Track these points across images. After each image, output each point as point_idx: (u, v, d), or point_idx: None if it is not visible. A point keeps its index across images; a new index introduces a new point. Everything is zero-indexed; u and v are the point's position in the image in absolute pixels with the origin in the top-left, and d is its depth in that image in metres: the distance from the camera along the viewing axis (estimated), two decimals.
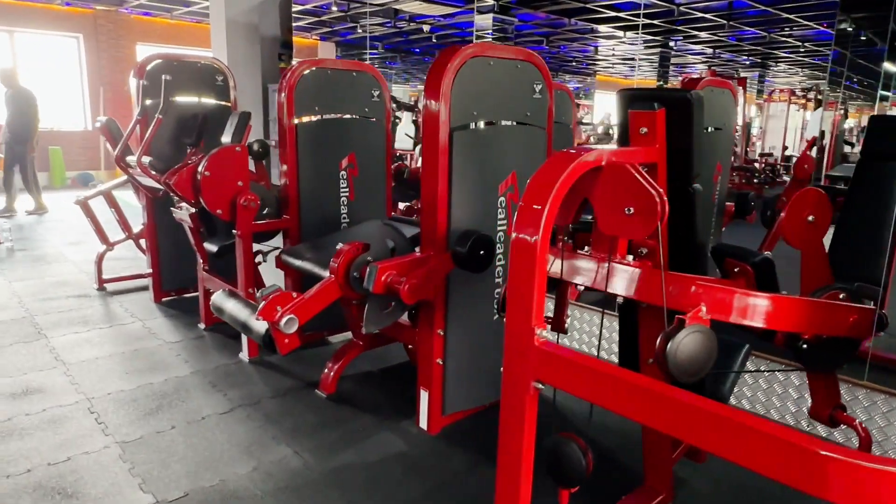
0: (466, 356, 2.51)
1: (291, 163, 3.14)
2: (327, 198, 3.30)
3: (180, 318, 3.85)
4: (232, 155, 3.00)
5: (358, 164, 3.36)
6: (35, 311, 3.91)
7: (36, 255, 5.43)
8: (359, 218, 3.41)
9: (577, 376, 1.32)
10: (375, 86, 3.39)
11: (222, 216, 3.02)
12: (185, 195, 3.00)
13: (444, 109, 2.20)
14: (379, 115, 3.42)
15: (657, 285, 1.52)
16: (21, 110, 7.18)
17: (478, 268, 2.23)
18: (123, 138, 3.55)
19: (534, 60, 2.48)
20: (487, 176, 2.40)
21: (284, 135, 3.12)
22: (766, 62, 16.53)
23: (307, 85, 3.12)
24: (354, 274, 2.29)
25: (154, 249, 4.08)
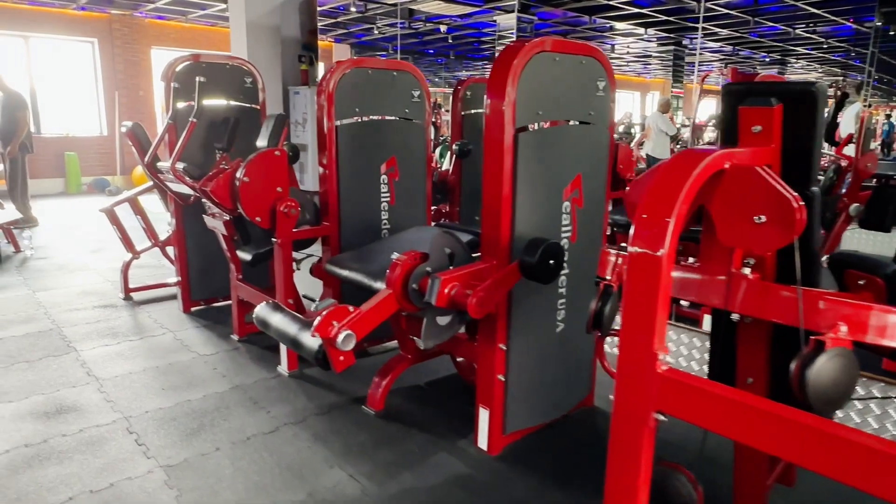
0: (529, 371, 2.36)
1: (331, 167, 3.00)
2: (368, 203, 3.16)
3: (212, 328, 3.72)
4: (271, 160, 2.87)
5: (399, 167, 3.22)
6: (62, 323, 3.79)
7: (58, 263, 5.32)
8: (400, 224, 3.26)
9: (710, 407, 1.16)
10: (416, 86, 3.25)
11: (261, 224, 2.88)
12: (222, 202, 2.87)
13: (509, 110, 2.06)
14: (419, 117, 3.28)
15: (777, 301, 1.36)
16: (9, 115, 6.84)
17: (547, 278, 2.08)
18: (154, 143, 3.42)
19: (598, 56, 2.32)
20: (552, 180, 2.25)
21: (324, 138, 2.98)
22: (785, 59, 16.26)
23: (348, 85, 2.99)
24: (413, 286, 2.14)
25: (183, 258, 3.95)
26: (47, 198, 9.27)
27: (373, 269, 2.47)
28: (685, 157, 1.22)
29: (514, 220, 2.15)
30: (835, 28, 11.26)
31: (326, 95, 2.92)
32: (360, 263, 2.57)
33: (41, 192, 9.40)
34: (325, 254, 3.14)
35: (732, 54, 14.94)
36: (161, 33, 10.61)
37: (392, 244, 2.72)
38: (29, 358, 3.23)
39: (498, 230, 2.14)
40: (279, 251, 2.93)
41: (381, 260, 2.55)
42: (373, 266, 2.50)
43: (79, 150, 10.03)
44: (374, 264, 2.52)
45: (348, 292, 3.13)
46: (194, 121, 3.09)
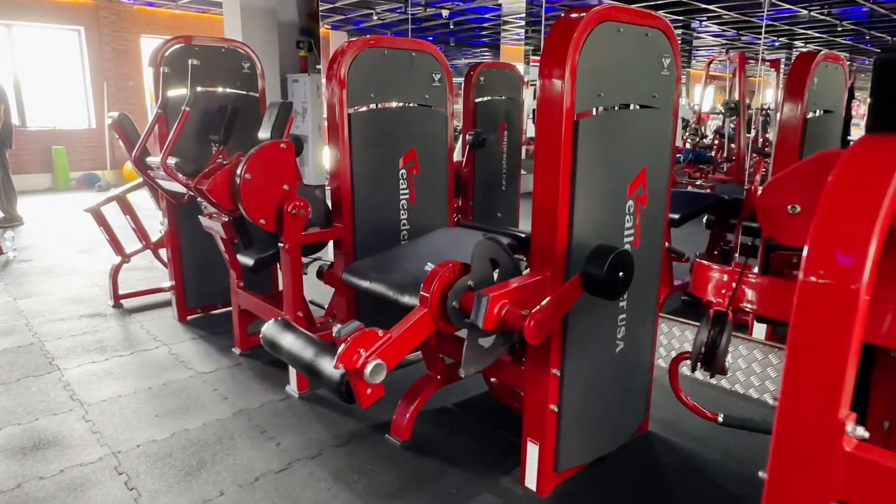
0: (584, 398, 2.02)
1: (345, 161, 2.64)
2: (385, 202, 2.81)
3: (210, 340, 3.37)
4: (276, 153, 2.50)
5: (419, 161, 2.86)
6: (44, 335, 3.43)
7: (43, 266, 4.95)
8: (420, 225, 2.91)
9: None
10: (437, 68, 2.89)
11: (265, 227, 2.53)
12: (220, 203, 2.51)
13: (567, 92, 1.70)
14: (441, 103, 2.92)
15: None
16: None
17: (616, 294, 1.73)
18: (142, 136, 3.05)
19: (665, 28, 1.97)
20: (615, 174, 1.90)
21: (336, 128, 2.62)
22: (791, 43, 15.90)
23: (362, 68, 2.62)
24: (454, 304, 1.80)
25: (177, 261, 3.59)
26: (34, 194, 8.86)
27: (399, 280, 2.12)
28: (880, 151, 0.87)
29: (572, 223, 1.80)
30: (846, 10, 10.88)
31: (338, 79, 2.56)
32: (383, 273, 2.22)
33: (28, 189, 8.99)
34: (337, 259, 2.79)
35: (734, 39, 14.55)
36: (151, 20, 10.16)
37: (418, 250, 2.37)
38: (5, 379, 2.87)
39: (553, 235, 1.79)
40: (286, 257, 2.57)
41: (407, 269, 2.21)
42: (399, 277, 2.15)
43: (66, 144, 9.60)
44: (400, 275, 2.17)
45: (365, 303, 2.78)
46: (187, 110, 2.72)
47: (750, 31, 13.11)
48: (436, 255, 2.28)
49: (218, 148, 3.44)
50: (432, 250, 2.33)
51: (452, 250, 2.30)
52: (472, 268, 1.84)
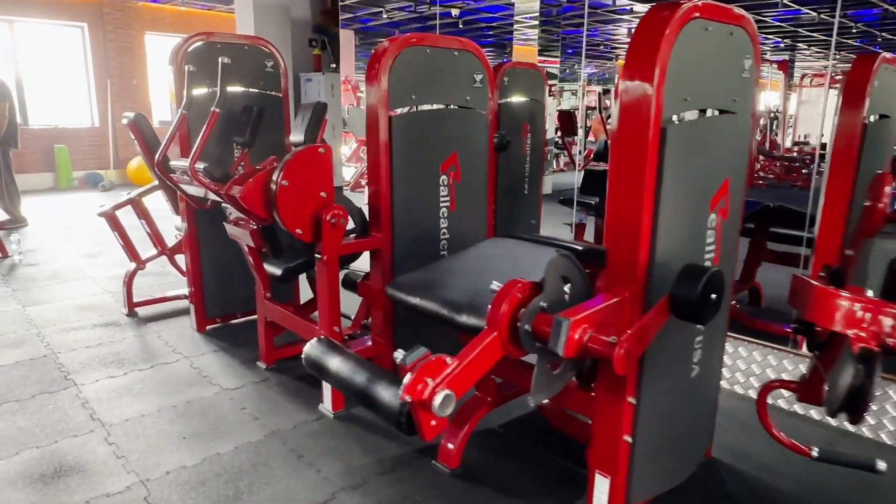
0: (659, 427, 1.87)
1: (384, 166, 2.48)
2: (425, 210, 2.65)
3: (233, 353, 3.20)
4: (314, 159, 2.34)
5: (460, 166, 2.70)
6: (57, 346, 3.26)
7: (50, 270, 4.77)
8: (460, 234, 2.76)
9: None
10: (478, 68, 2.73)
11: (302, 237, 2.36)
12: (254, 211, 2.34)
13: (655, 94, 1.55)
14: (482, 105, 2.76)
15: None
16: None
17: (707, 318, 1.58)
18: (167, 138, 2.88)
19: (748, 27, 1.82)
20: (700, 185, 1.75)
21: (376, 131, 2.46)
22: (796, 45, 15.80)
23: (404, 67, 2.46)
24: (526, 328, 1.64)
25: (196, 269, 3.43)
26: (36, 194, 8.67)
27: (454, 298, 1.97)
28: None
29: (655, 239, 1.65)
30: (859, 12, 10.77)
31: (380, 79, 2.40)
32: (434, 290, 2.06)
33: (30, 188, 8.80)
34: (374, 270, 2.63)
35: None
36: (156, 17, 9.98)
37: (469, 264, 2.21)
38: (20, 395, 2.70)
39: (634, 252, 1.64)
40: (324, 269, 2.41)
41: (462, 286, 2.05)
42: (453, 294, 1.99)
43: (69, 143, 9.42)
44: (454, 292, 2.01)
45: (403, 317, 2.63)
46: (217, 111, 2.55)
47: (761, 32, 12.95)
48: (489, 270, 2.13)
49: (242, 151, 3.28)
50: (484, 264, 2.17)
51: (507, 265, 2.15)
52: (545, 287, 1.68)
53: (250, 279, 3.49)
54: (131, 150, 9.93)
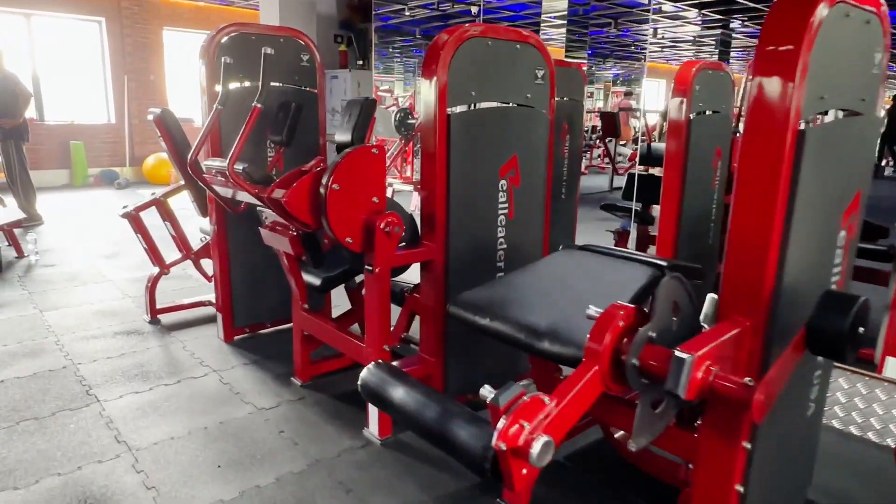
0: (770, 473, 1.63)
1: (440, 168, 2.25)
2: (482, 217, 2.42)
3: (264, 367, 2.99)
4: (368, 160, 2.12)
5: (520, 170, 2.48)
6: (78, 356, 3.06)
7: (67, 272, 4.58)
8: (517, 244, 2.53)
9: None
10: (540, 63, 2.50)
11: (352, 246, 2.14)
12: (300, 217, 2.12)
13: (794, 94, 1.31)
14: (543, 104, 2.53)
15: None
16: (5, 98, 5.89)
17: (851, 355, 1.34)
18: (200, 136, 2.66)
19: (882, 15, 1.58)
20: (833, 199, 1.51)
21: (432, 130, 2.23)
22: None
23: (464, 61, 2.24)
24: (633, 362, 1.41)
25: (225, 276, 3.22)
26: (51, 191, 8.52)
27: (534, 322, 1.74)
28: None
29: (784, 258, 1.41)
30: None
31: (439, 73, 2.17)
32: (508, 311, 1.83)
33: (44, 185, 8.64)
34: (425, 283, 2.40)
35: None
36: (173, 13, 9.81)
37: (544, 281, 1.98)
38: (38, 412, 2.50)
39: (760, 274, 1.40)
40: (375, 283, 2.19)
41: (539, 307, 1.82)
42: (532, 317, 1.76)
43: (85, 139, 9.26)
44: (531, 313, 1.78)
45: (455, 335, 2.40)
46: (259, 106, 2.33)
47: None
48: (568, 289, 1.90)
49: (277, 150, 3.07)
50: (560, 282, 1.94)
51: (586, 282, 1.92)
52: (654, 314, 1.45)
53: (281, 287, 3.29)
54: (147, 147, 9.77)
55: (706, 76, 3.44)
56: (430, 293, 2.39)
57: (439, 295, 2.36)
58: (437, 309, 2.37)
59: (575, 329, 1.68)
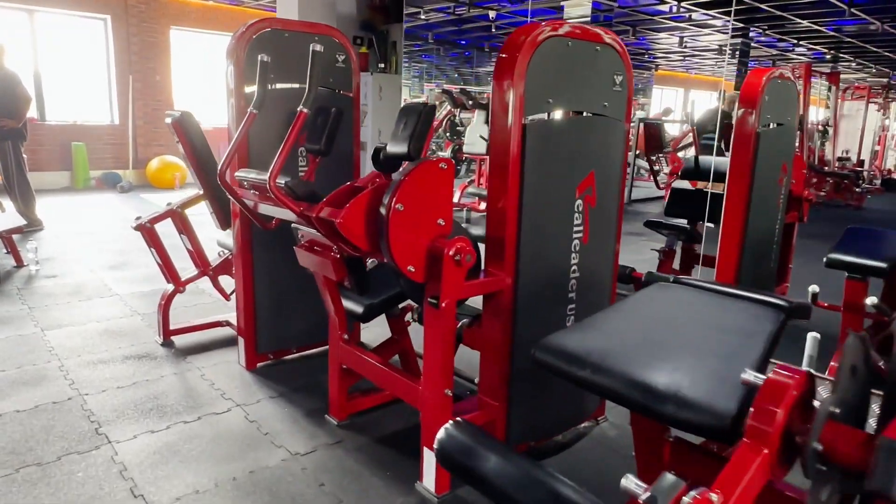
0: None
1: (512, 186, 1.96)
2: (556, 241, 2.12)
3: (293, 400, 2.68)
4: (435, 176, 1.83)
5: (597, 188, 2.18)
6: (84, 385, 2.74)
7: (69, 284, 4.26)
8: (590, 272, 2.23)
9: None
10: (619, 68, 2.21)
11: (414, 276, 1.84)
12: (355, 241, 1.82)
13: None
14: (619, 113, 2.24)
15: None
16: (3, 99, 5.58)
17: None
18: (233, 144, 2.35)
19: None
20: None
21: (505, 142, 1.94)
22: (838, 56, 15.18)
23: (543, 63, 1.94)
24: (815, 445, 1.11)
25: (249, 297, 2.91)
26: (51, 194, 8.19)
27: (650, 377, 1.43)
28: None
29: None
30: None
31: (517, 77, 1.88)
32: (613, 362, 1.52)
33: (44, 187, 8.32)
34: (490, 315, 2.09)
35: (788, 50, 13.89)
36: (181, 12, 9.52)
37: (647, 324, 1.68)
38: (42, 456, 2.18)
39: None
40: (440, 319, 1.88)
41: (651, 358, 1.51)
42: (646, 371, 1.45)
43: (87, 141, 8.94)
44: (642, 365, 1.48)
45: (519, 373, 2.10)
46: (304, 111, 2.03)
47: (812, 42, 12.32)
48: (680, 336, 1.60)
49: (312, 160, 2.77)
50: (667, 325, 1.64)
51: (699, 328, 1.62)
52: (837, 383, 1.15)
53: (307, 309, 3.01)
54: (151, 149, 9.46)
55: (775, 86, 3.16)
56: (495, 328, 2.09)
57: (506, 331, 2.06)
58: (503, 347, 2.08)
59: (705, 390, 1.38)
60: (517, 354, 2.09)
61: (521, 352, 2.09)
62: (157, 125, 9.50)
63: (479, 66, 17.97)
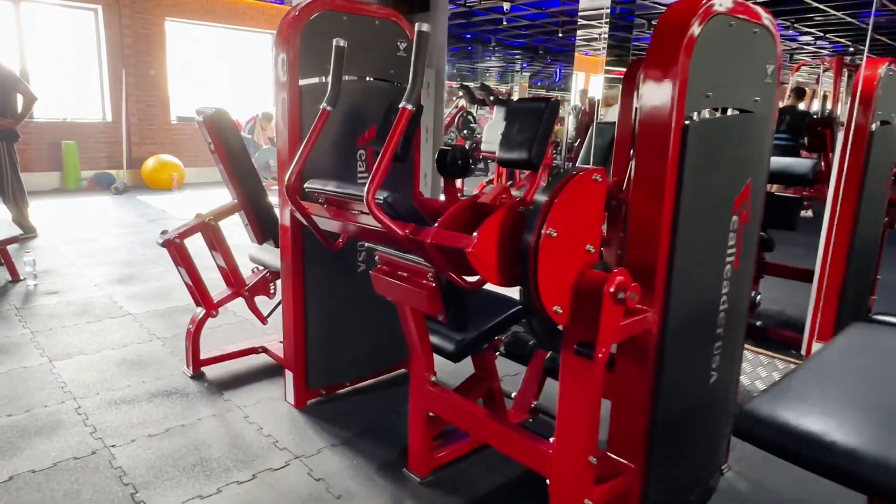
0: None
1: (668, 201, 1.57)
2: (708, 266, 1.74)
3: (360, 449, 2.27)
4: (588, 192, 1.43)
5: (751, 201, 1.80)
6: (109, 433, 2.32)
7: (74, 302, 3.81)
8: (738, 302, 1.85)
9: None
10: (772, 56, 1.83)
11: (559, 318, 1.44)
12: (486, 273, 1.42)
13: None
14: (769, 109, 1.86)
15: None
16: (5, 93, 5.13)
17: None
18: (303, 150, 1.93)
19: None
20: None
21: (659, 147, 1.55)
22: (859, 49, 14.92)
23: (706, 49, 1.55)
24: None
25: (300, 326, 2.50)
26: (42, 196, 7.66)
27: None
28: None
29: None
30: None
31: (681, 66, 1.49)
32: (872, 443, 1.14)
33: (34, 189, 7.72)
34: (627, 360, 1.70)
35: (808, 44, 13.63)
36: (177, 2, 8.99)
37: (876, 386, 1.30)
38: None
39: None
40: (592, 371, 1.49)
41: None
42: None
43: (78, 139, 8.40)
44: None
45: (663, 429, 1.72)
46: (409, 108, 1.61)
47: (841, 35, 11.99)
48: None
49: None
50: None
51: None
52: None
53: (361, 337, 2.66)
54: (147, 148, 8.96)
55: (890, 78, 2.81)
56: (632, 374, 1.70)
57: (649, 377, 1.68)
58: (645, 397, 1.69)
59: None
60: (660, 405, 1.71)
61: (664, 402, 1.71)
62: (152, 122, 8.99)
63: (478, 62, 17.55)
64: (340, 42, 1.88)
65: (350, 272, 2.60)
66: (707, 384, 1.86)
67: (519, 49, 15.65)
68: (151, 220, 6.50)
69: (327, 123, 2.12)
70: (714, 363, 1.84)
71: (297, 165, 1.91)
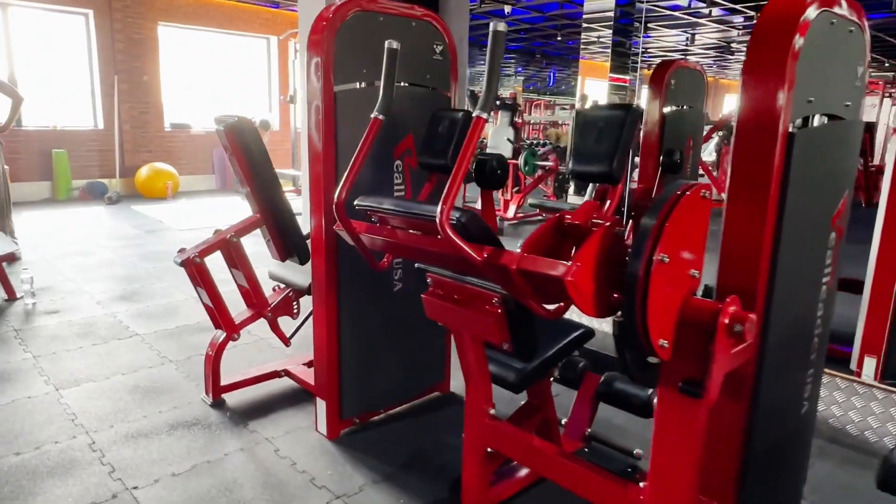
0: None
1: (770, 218, 1.41)
2: (807, 289, 1.59)
3: (406, 486, 2.09)
4: (699, 210, 1.27)
5: (844, 213, 1.65)
6: (129, 473, 2.12)
7: (77, 322, 3.59)
8: (826, 325, 1.70)
9: None
10: (862, 56, 1.68)
11: (662, 353, 1.28)
12: (583, 304, 1.25)
13: None
14: (857, 114, 1.72)
15: None
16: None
17: None
18: (354, 163, 1.75)
19: None
20: None
21: (762, 157, 1.39)
22: None
23: (813, 49, 1.40)
24: None
25: (333, 348, 2.31)
26: (31, 207, 7.41)
27: None
28: None
29: None
30: None
31: (788, 67, 1.33)
32: None
33: (23, 199, 7.54)
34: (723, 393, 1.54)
35: None
36: (169, 6, 8.76)
37: None
38: None
39: None
40: (698, 410, 1.32)
41: None
42: None
43: (69, 147, 8.14)
44: None
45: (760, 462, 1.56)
46: (482, 116, 1.44)
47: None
48: None
49: (430, 179, 2.19)
50: None
51: None
52: None
53: (396, 362, 2.49)
54: (140, 156, 8.71)
55: None
56: (725, 408, 1.54)
57: (742, 412, 1.52)
58: (738, 433, 1.53)
59: None
60: (754, 441, 1.55)
61: (758, 438, 1.55)
62: (145, 130, 8.75)
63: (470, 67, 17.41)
64: (394, 44, 1.72)
65: (386, 291, 2.43)
66: (799, 415, 1.70)
67: (514, 53, 15.53)
68: (149, 232, 6.27)
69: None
70: (806, 392, 1.69)
71: (348, 180, 1.73)
